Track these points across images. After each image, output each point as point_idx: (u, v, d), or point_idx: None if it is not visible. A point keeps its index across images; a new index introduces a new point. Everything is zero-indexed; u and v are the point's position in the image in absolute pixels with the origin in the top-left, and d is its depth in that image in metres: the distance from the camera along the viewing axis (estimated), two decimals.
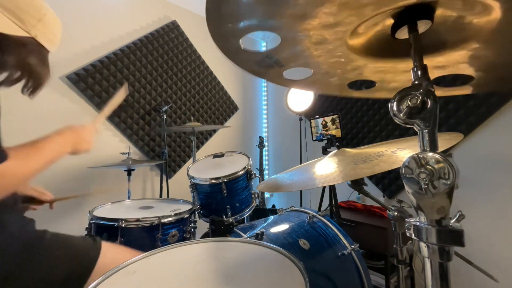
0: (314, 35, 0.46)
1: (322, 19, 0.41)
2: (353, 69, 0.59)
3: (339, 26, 0.43)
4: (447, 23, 0.44)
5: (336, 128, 1.87)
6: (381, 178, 2.04)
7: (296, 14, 0.40)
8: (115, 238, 1.07)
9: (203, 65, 2.63)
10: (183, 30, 2.46)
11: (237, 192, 1.40)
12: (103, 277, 0.57)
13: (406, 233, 0.40)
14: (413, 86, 0.39)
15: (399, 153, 0.64)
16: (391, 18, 0.44)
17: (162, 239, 1.14)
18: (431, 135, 0.37)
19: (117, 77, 2.00)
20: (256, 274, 0.59)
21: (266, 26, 0.44)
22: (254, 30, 0.45)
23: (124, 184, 1.85)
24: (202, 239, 0.80)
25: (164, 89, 2.31)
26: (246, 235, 0.98)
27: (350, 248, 0.99)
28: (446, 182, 0.34)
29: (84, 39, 1.89)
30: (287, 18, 0.41)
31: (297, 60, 0.56)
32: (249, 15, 0.41)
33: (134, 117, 2.10)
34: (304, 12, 0.40)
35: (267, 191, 2.18)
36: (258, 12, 0.41)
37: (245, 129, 3.06)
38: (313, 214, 1.10)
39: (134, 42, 2.13)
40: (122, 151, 1.84)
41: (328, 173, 0.68)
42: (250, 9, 0.40)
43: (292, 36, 0.47)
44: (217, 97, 2.75)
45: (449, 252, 0.35)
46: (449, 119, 1.69)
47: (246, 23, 0.43)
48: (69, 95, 1.81)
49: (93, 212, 1.19)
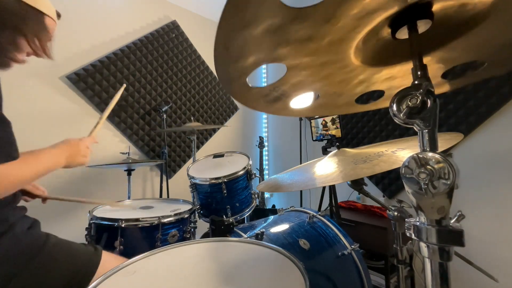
0: (319, 56, 0.45)
1: (326, 38, 0.41)
2: (359, 82, 0.59)
3: (342, 42, 0.43)
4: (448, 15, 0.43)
5: (336, 128, 1.87)
6: (381, 178, 2.03)
7: (301, 38, 0.40)
8: (115, 238, 1.07)
9: (203, 65, 2.63)
10: (183, 30, 2.46)
11: (237, 192, 1.40)
12: (103, 277, 0.57)
13: (406, 233, 0.40)
14: (413, 86, 0.39)
15: (399, 153, 0.64)
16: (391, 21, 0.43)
17: (162, 239, 1.14)
18: (431, 135, 0.37)
19: (117, 77, 2.00)
20: (256, 274, 0.59)
21: (272, 57, 0.44)
22: (260, 64, 0.44)
23: (124, 185, 1.85)
24: (202, 239, 0.80)
25: (164, 89, 2.31)
26: (246, 235, 0.98)
27: (350, 248, 0.99)
28: (446, 182, 0.34)
29: (84, 39, 1.89)
30: (293, 44, 0.41)
31: (303, 87, 0.55)
32: (255, 50, 0.41)
33: (134, 117, 2.10)
34: (309, 34, 0.39)
35: (267, 191, 2.18)
36: (264, 44, 0.40)
37: (245, 129, 3.06)
38: (313, 214, 1.10)
39: (134, 42, 2.13)
40: (122, 151, 1.84)
41: (328, 173, 0.68)
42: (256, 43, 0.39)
43: (298, 63, 0.46)
44: (217, 97, 2.75)
45: (449, 252, 0.35)
46: (449, 119, 1.68)
47: (253, 58, 0.43)
48: (69, 95, 1.81)
49: (93, 212, 1.19)
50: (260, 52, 0.42)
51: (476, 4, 0.40)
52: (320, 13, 0.36)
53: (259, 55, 0.42)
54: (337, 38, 0.42)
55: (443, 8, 0.41)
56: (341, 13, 0.37)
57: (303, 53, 0.44)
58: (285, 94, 0.56)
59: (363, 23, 0.40)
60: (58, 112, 1.75)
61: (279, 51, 0.42)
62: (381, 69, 0.56)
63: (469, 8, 0.41)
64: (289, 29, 0.37)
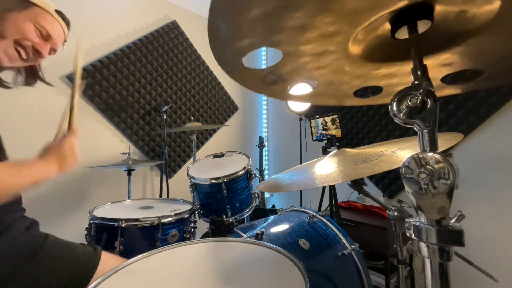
0: (315, 46, 0.45)
1: (322, 29, 0.41)
2: (357, 76, 0.59)
3: (339, 35, 0.43)
4: (449, 19, 0.43)
5: (336, 128, 1.87)
6: (381, 178, 2.03)
7: (295, 26, 0.40)
8: (115, 238, 1.07)
9: (203, 65, 2.63)
10: (183, 30, 2.46)
11: (237, 192, 1.40)
12: (103, 277, 0.57)
13: (406, 233, 0.40)
14: (413, 86, 0.39)
15: (399, 153, 0.64)
16: (390, 19, 0.44)
17: (162, 239, 1.14)
18: (431, 135, 0.37)
19: (117, 77, 2.00)
20: (256, 274, 0.59)
21: (268, 42, 0.44)
22: (256, 47, 0.45)
23: (124, 185, 1.85)
24: (202, 239, 0.80)
25: (164, 89, 2.31)
26: (246, 235, 0.98)
27: (350, 248, 0.99)
28: (446, 182, 0.34)
29: (84, 39, 1.88)
30: (287, 32, 0.41)
31: (301, 73, 0.56)
32: (250, 33, 0.41)
33: (134, 117, 2.10)
34: (303, 23, 0.39)
35: (267, 191, 2.18)
36: (258, 28, 0.40)
37: (245, 129, 3.06)
38: (313, 214, 1.10)
39: (134, 42, 2.13)
40: (122, 151, 1.84)
41: (328, 173, 0.68)
42: (250, 27, 0.40)
43: (294, 50, 0.47)
44: (217, 97, 2.75)
45: (449, 252, 0.35)
46: (449, 119, 1.69)
47: (248, 41, 0.43)
48: (69, 95, 1.80)
49: (93, 212, 1.19)
50: (255, 35, 0.42)
51: (476, 13, 0.41)
52: (312, 5, 0.36)
53: (254, 39, 0.43)
54: (332, 30, 0.42)
55: (444, 12, 0.41)
56: (334, 7, 0.37)
57: (298, 41, 0.44)
58: (281, 79, 0.56)
59: (360, 18, 0.40)
60: (58, 112, 1.74)
61: (274, 36, 0.43)
62: (380, 66, 0.56)
63: (469, 15, 0.41)
64: (281, 16, 0.38)
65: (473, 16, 0.41)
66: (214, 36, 0.42)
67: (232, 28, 0.40)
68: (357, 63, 0.53)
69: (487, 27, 0.43)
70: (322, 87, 0.62)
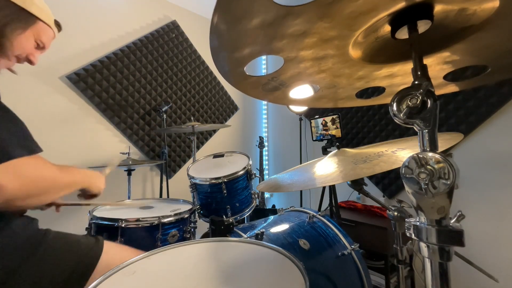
0: (315, 51, 0.46)
1: (322, 34, 0.41)
2: (359, 78, 0.59)
3: (339, 39, 0.43)
4: (449, 18, 0.43)
5: (336, 128, 1.87)
6: (381, 178, 2.03)
7: (296, 33, 0.40)
8: (115, 238, 1.07)
9: (203, 65, 2.63)
10: (183, 30, 2.46)
11: (237, 192, 1.40)
12: (103, 277, 0.57)
13: (406, 233, 0.40)
14: (413, 86, 0.39)
15: (399, 153, 0.64)
16: (390, 20, 0.43)
17: (162, 239, 1.14)
18: (431, 135, 0.37)
19: (117, 77, 2.00)
20: (256, 274, 0.59)
21: (268, 49, 0.45)
22: (257, 55, 0.45)
23: (124, 185, 1.85)
24: (202, 239, 0.80)
25: (164, 89, 2.31)
26: (246, 235, 0.98)
27: (350, 248, 0.99)
28: (446, 182, 0.34)
29: (84, 39, 1.88)
30: (287, 39, 0.41)
31: (302, 78, 0.56)
32: (251, 42, 0.42)
33: (134, 117, 2.10)
34: (304, 29, 0.40)
35: (267, 191, 2.18)
36: (259, 37, 0.41)
37: (245, 129, 3.06)
38: (313, 214, 1.10)
39: (134, 42, 2.13)
40: (122, 151, 1.84)
41: (328, 173, 0.68)
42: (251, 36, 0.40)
43: (295, 56, 0.47)
44: (217, 97, 2.75)
45: (449, 252, 0.35)
46: (449, 119, 1.68)
47: (249, 50, 0.43)
48: (69, 95, 1.80)
49: (93, 212, 1.19)
50: (256, 44, 0.42)
51: (476, 10, 0.40)
52: (312, 11, 0.36)
53: (254, 47, 0.43)
54: (332, 35, 0.42)
55: (444, 11, 0.41)
56: (333, 12, 0.37)
57: (299, 47, 0.44)
58: (283, 84, 0.57)
59: (359, 22, 0.41)
60: (58, 112, 1.75)
61: (275, 44, 0.43)
62: (381, 67, 0.56)
63: (470, 13, 0.41)
64: (282, 24, 0.38)
65: (474, 13, 0.41)
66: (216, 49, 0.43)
67: (233, 39, 0.40)
68: (358, 65, 0.53)
69: (488, 23, 0.42)
70: (323, 91, 0.63)
